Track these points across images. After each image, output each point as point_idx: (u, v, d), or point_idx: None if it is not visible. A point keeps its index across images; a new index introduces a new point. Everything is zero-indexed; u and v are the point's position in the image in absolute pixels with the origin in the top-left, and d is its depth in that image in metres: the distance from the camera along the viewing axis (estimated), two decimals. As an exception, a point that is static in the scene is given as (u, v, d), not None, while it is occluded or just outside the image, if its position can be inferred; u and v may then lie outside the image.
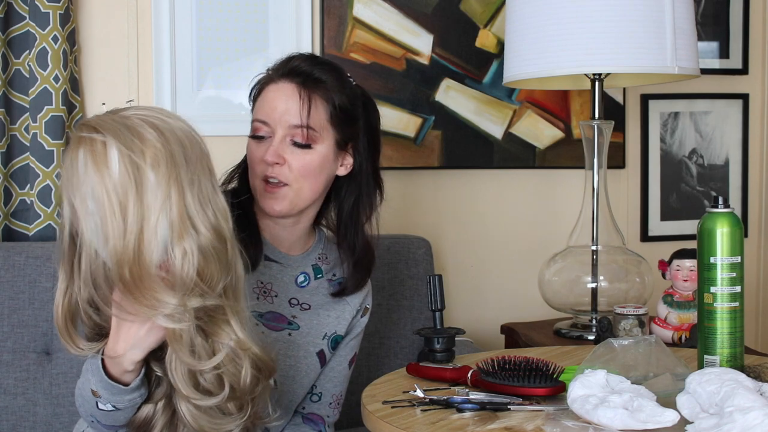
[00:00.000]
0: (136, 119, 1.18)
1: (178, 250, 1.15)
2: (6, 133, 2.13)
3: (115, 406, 1.27)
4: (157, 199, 1.14)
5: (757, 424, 1.11)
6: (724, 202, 1.45)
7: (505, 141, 2.52)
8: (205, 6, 2.31)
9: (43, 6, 2.11)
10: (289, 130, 1.56)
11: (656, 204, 2.67)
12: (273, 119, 1.56)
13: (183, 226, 1.15)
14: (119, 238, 1.13)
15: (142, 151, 1.14)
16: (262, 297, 1.59)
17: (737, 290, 1.44)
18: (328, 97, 1.57)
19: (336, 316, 1.67)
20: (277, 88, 1.58)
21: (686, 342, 1.94)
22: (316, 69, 1.58)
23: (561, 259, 2.20)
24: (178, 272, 1.15)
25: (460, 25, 2.47)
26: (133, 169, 1.13)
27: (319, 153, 1.57)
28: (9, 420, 1.92)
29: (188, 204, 1.16)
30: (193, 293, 1.16)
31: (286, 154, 1.56)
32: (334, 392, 1.71)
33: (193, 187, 1.17)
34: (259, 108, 1.60)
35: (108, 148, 1.14)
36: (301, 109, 1.55)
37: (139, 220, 1.13)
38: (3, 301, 1.96)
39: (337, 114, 1.58)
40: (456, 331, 1.64)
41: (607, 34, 1.97)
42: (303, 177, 1.57)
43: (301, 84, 1.56)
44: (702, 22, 2.66)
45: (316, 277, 1.67)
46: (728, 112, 2.73)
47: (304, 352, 1.62)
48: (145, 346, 1.22)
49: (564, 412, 1.29)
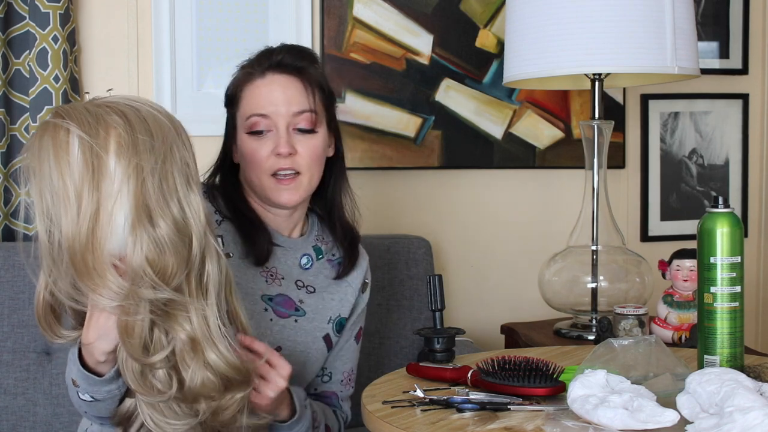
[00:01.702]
0: (106, 107, 1.17)
1: (130, 239, 1.13)
2: (6, 133, 2.13)
3: (93, 396, 1.27)
4: (113, 187, 1.12)
5: (757, 424, 1.11)
6: (724, 202, 1.45)
7: (505, 141, 2.52)
8: (205, 6, 2.31)
9: (43, 6, 2.11)
10: (293, 118, 1.58)
11: (656, 204, 2.67)
12: (273, 111, 1.58)
13: (138, 215, 1.13)
14: (73, 224, 1.12)
15: (105, 138, 1.13)
16: (270, 281, 1.62)
17: (737, 290, 1.44)
18: (316, 82, 1.62)
19: (339, 299, 1.69)
20: (268, 81, 1.60)
21: (686, 342, 1.94)
22: (301, 60, 1.62)
23: (561, 259, 2.20)
24: (129, 261, 1.14)
25: (460, 25, 2.47)
26: (92, 156, 1.12)
27: (321, 136, 1.62)
28: (9, 420, 1.92)
29: (147, 194, 1.14)
30: (143, 284, 1.14)
31: (295, 144, 1.58)
32: (344, 369, 1.73)
33: (154, 177, 1.15)
34: (251, 103, 1.60)
35: (70, 136, 1.13)
36: (306, 95, 1.59)
37: (94, 206, 1.12)
38: (3, 301, 1.96)
39: (325, 96, 1.64)
40: (456, 331, 1.64)
41: (607, 34, 1.97)
42: (313, 162, 1.60)
43: (295, 71, 1.60)
44: (702, 22, 2.66)
45: (318, 258, 1.69)
46: (728, 112, 2.73)
47: (311, 338, 1.64)
48: (112, 336, 1.20)
49: (564, 412, 1.29)
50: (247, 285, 1.57)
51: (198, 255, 1.19)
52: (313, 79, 1.61)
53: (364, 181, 2.38)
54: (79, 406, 1.33)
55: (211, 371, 1.19)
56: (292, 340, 1.61)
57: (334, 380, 1.72)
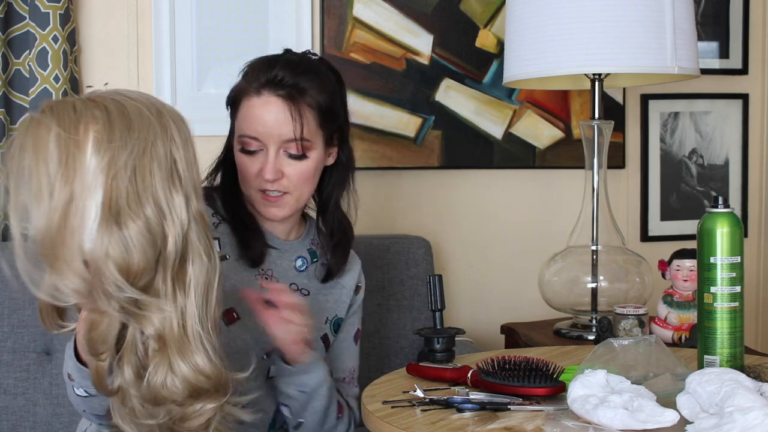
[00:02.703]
0: (91, 101, 1.16)
1: (97, 235, 1.12)
2: (6, 133, 2.13)
3: (87, 391, 1.27)
4: (87, 181, 1.11)
5: (757, 424, 1.11)
6: (724, 202, 1.45)
7: (505, 141, 2.52)
8: (205, 6, 2.30)
9: (43, 6, 2.11)
10: (283, 144, 1.57)
11: (656, 204, 2.67)
12: (264, 135, 1.57)
13: (106, 213, 1.12)
14: (44, 217, 1.11)
15: (84, 133, 1.12)
16: (266, 283, 1.61)
17: (737, 290, 1.44)
18: (314, 104, 1.58)
19: (334, 300, 1.71)
20: (261, 103, 1.57)
21: (686, 342, 1.94)
22: (299, 78, 1.58)
23: (561, 259, 2.20)
24: (92, 257, 1.12)
25: (460, 25, 2.47)
26: (67, 152, 1.11)
27: (313, 159, 1.60)
28: (9, 420, 1.92)
29: (118, 190, 1.12)
30: (107, 281, 1.12)
31: (283, 167, 1.58)
32: (346, 368, 1.74)
33: (127, 172, 1.13)
34: (245, 122, 1.59)
35: (50, 132, 1.12)
36: (294, 125, 1.56)
37: (66, 199, 1.11)
38: (3, 301, 1.96)
39: (323, 117, 1.60)
40: (456, 331, 1.64)
41: (607, 34, 1.97)
42: (301, 184, 1.60)
43: (287, 97, 1.56)
44: (702, 22, 2.66)
45: (313, 261, 1.70)
46: (728, 112, 2.73)
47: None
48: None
49: (564, 412, 1.29)
50: (243, 287, 1.57)
51: (175, 256, 1.16)
52: (307, 101, 1.57)
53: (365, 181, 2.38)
54: (77, 404, 1.33)
55: (178, 375, 1.15)
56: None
57: (337, 379, 1.72)
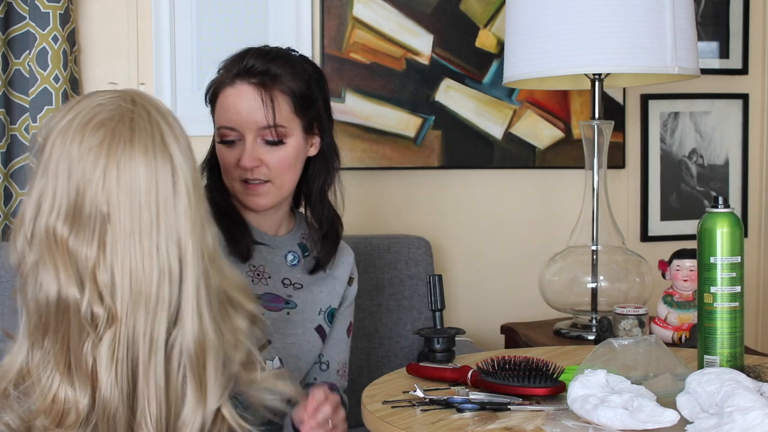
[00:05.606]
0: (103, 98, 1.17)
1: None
2: (6, 133, 2.13)
3: None
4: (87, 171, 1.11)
5: (757, 424, 1.11)
6: (724, 202, 1.45)
7: (505, 141, 2.52)
8: (205, 6, 2.30)
9: (43, 6, 2.11)
10: (259, 131, 1.58)
11: (656, 204, 2.67)
12: (239, 124, 1.58)
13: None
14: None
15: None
16: (257, 280, 1.63)
17: (737, 290, 1.44)
18: (287, 90, 1.59)
19: (328, 291, 1.71)
20: (235, 93, 1.59)
21: (686, 342, 1.94)
22: (270, 65, 1.59)
23: (561, 259, 2.20)
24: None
25: (460, 25, 2.47)
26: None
27: (291, 145, 1.60)
28: (9, 420, 1.92)
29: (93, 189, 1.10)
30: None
31: (261, 155, 1.59)
32: (339, 360, 1.74)
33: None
34: (221, 113, 1.61)
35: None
36: (266, 112, 1.57)
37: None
38: (3, 301, 1.95)
39: (298, 103, 1.60)
40: (456, 331, 1.64)
41: (607, 34, 1.97)
42: (282, 171, 1.60)
43: (260, 84, 1.58)
44: (702, 22, 2.66)
45: (304, 255, 1.71)
46: (728, 112, 2.73)
47: (303, 329, 1.66)
48: None
49: (564, 412, 1.29)
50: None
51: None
52: (280, 88, 1.58)
53: (365, 181, 2.38)
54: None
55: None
56: (285, 332, 1.62)
57: (331, 370, 1.72)
